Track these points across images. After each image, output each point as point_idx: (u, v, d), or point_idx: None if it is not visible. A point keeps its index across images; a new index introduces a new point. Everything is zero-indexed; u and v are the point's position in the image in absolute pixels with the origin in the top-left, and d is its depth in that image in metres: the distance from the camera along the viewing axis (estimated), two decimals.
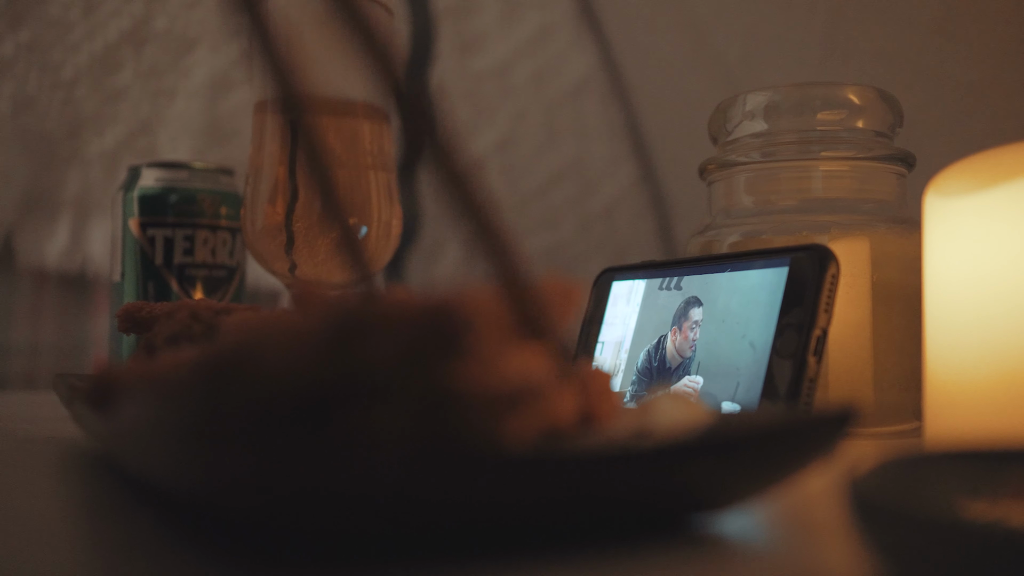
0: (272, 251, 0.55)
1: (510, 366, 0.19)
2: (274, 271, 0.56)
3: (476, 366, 0.18)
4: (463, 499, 0.18)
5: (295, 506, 0.18)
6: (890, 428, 0.45)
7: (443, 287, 0.19)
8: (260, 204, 0.55)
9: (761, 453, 0.21)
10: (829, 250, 0.40)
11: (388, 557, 0.19)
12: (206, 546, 0.20)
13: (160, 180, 0.59)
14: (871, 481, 0.17)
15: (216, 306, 0.35)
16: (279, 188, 0.54)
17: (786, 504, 0.25)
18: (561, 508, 0.19)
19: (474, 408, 0.18)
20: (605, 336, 0.50)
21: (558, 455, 0.19)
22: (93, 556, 0.20)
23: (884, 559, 0.16)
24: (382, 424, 0.18)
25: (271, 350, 0.19)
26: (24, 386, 0.81)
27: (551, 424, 0.20)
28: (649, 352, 0.46)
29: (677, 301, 0.46)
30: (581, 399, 0.21)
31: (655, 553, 0.20)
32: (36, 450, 0.36)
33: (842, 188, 0.49)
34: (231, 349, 0.19)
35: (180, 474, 0.20)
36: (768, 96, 0.50)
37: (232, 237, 0.60)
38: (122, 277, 0.59)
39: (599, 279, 0.52)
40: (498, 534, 0.20)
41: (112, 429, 0.26)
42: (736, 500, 0.22)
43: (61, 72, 0.83)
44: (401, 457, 0.17)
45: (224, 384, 0.19)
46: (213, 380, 0.19)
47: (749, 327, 0.41)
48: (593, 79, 1.16)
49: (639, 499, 0.20)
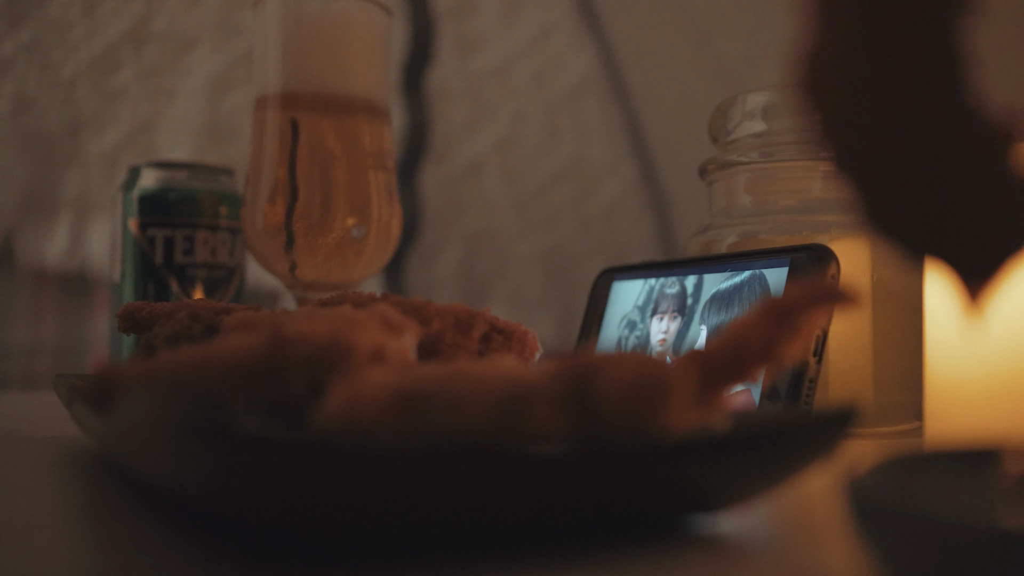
0: (272, 251, 0.55)
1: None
2: (274, 271, 0.56)
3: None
4: (463, 499, 0.18)
5: (294, 505, 0.18)
6: (890, 428, 0.45)
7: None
8: (260, 204, 0.55)
9: (761, 453, 0.21)
10: (829, 250, 0.40)
11: (388, 557, 0.19)
12: (206, 546, 0.20)
13: (160, 180, 0.59)
14: (871, 481, 0.17)
15: (216, 306, 0.35)
16: (279, 188, 0.54)
17: (786, 504, 0.25)
18: (561, 508, 0.19)
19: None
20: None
21: (557, 455, 0.19)
22: (93, 556, 0.20)
23: (884, 559, 0.16)
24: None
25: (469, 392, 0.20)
26: (24, 386, 0.81)
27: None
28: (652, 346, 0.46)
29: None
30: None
31: (655, 553, 0.20)
32: (36, 450, 0.36)
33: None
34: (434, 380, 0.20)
35: (180, 474, 0.20)
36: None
37: (232, 237, 0.60)
38: (122, 277, 0.59)
39: (599, 279, 0.52)
40: (498, 534, 0.20)
41: (112, 429, 0.26)
42: (736, 500, 0.22)
43: (61, 72, 0.83)
44: (400, 456, 0.17)
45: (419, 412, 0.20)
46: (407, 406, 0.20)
47: None
48: (593, 79, 1.17)
49: (639, 499, 0.20)
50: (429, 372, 0.21)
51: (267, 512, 0.19)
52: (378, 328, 0.25)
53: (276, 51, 0.55)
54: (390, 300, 0.33)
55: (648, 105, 1.15)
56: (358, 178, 0.55)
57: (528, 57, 1.12)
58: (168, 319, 0.35)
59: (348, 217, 0.54)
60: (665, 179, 1.16)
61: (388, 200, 0.57)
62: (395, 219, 0.57)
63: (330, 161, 0.54)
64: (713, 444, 0.20)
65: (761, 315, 0.21)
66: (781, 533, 0.23)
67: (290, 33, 0.54)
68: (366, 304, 0.32)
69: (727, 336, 0.21)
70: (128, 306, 0.38)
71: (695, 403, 0.21)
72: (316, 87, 0.55)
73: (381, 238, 0.56)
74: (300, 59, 0.55)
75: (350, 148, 0.55)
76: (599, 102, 1.17)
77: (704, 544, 0.21)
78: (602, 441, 0.20)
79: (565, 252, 1.13)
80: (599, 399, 0.20)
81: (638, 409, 0.19)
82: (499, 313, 0.86)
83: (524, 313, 1.08)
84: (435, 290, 1.04)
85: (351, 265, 0.55)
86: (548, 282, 1.11)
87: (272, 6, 0.55)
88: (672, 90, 1.09)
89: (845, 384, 0.44)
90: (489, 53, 1.10)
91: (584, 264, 1.10)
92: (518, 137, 1.11)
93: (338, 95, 0.55)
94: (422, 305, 0.32)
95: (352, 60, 0.55)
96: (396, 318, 0.26)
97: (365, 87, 0.56)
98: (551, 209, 1.13)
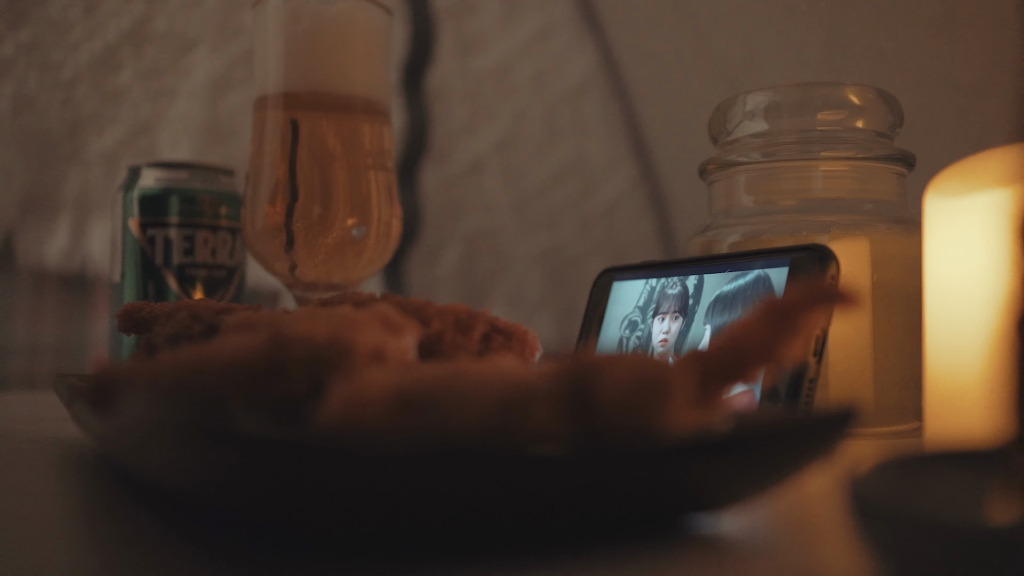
0: (272, 251, 0.55)
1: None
2: (274, 271, 0.56)
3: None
4: (463, 499, 0.18)
5: (294, 505, 0.18)
6: (890, 428, 0.45)
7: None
8: (260, 204, 0.55)
9: (761, 453, 0.21)
10: (829, 250, 0.40)
11: (388, 557, 0.19)
12: (206, 546, 0.20)
13: (160, 180, 0.59)
14: (871, 481, 0.17)
15: (216, 306, 0.35)
16: (279, 188, 0.54)
17: (786, 504, 0.25)
18: (561, 508, 0.19)
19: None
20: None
21: (557, 455, 0.19)
22: (93, 556, 0.20)
23: (884, 559, 0.16)
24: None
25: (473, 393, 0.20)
26: (24, 386, 0.81)
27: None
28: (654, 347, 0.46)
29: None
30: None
31: (655, 553, 0.20)
32: (36, 450, 0.36)
33: (842, 188, 0.49)
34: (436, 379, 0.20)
35: (180, 474, 0.20)
36: (768, 96, 0.50)
37: (232, 237, 0.60)
38: (122, 277, 0.59)
39: (599, 279, 0.52)
40: (498, 534, 0.20)
41: (112, 429, 0.26)
42: (736, 500, 0.22)
43: (61, 72, 0.83)
44: (398, 455, 0.17)
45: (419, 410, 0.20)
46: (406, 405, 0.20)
47: None
48: (593, 79, 1.17)
49: (639, 499, 0.20)
50: (429, 372, 0.21)
51: (267, 512, 0.19)
52: (378, 328, 0.25)
53: (276, 51, 0.55)
54: (390, 300, 0.33)
55: (648, 105, 1.15)
56: (358, 178, 0.55)
57: (528, 57, 1.12)
58: (168, 319, 0.35)
59: (348, 217, 0.54)
60: (665, 179, 1.16)
61: (388, 200, 0.57)
62: (395, 219, 0.57)
63: (330, 161, 0.54)
64: (713, 444, 0.20)
65: (761, 316, 0.21)
66: (781, 533, 0.23)
67: (290, 33, 0.54)
68: (366, 304, 0.32)
69: (727, 336, 0.21)
70: (128, 306, 0.38)
71: (695, 403, 0.21)
72: (316, 87, 0.55)
73: (381, 238, 0.56)
74: (300, 59, 0.55)
75: (350, 148, 0.55)
76: (599, 102, 1.17)
77: (704, 544, 0.21)
78: (602, 441, 0.20)
79: (565, 252, 1.12)
80: (599, 399, 0.20)
81: (638, 409, 0.19)
82: (499, 313, 0.86)
83: (524, 313, 1.08)
84: (435, 290, 1.04)
85: (351, 265, 0.55)
86: (548, 282, 1.11)
87: (272, 6, 0.55)
88: (672, 90, 1.09)
89: (845, 384, 0.44)
90: (489, 53, 1.10)
91: (584, 264, 1.10)
92: (518, 137, 1.11)
93: (338, 95, 0.55)
94: (422, 305, 0.32)
95: (352, 60, 0.55)
96: (396, 318, 0.26)
97: (365, 87, 0.56)
98: (551, 209, 1.13)
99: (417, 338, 0.27)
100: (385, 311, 0.27)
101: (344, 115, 0.55)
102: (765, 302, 0.22)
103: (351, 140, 0.55)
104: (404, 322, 0.26)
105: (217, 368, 0.24)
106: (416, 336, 0.27)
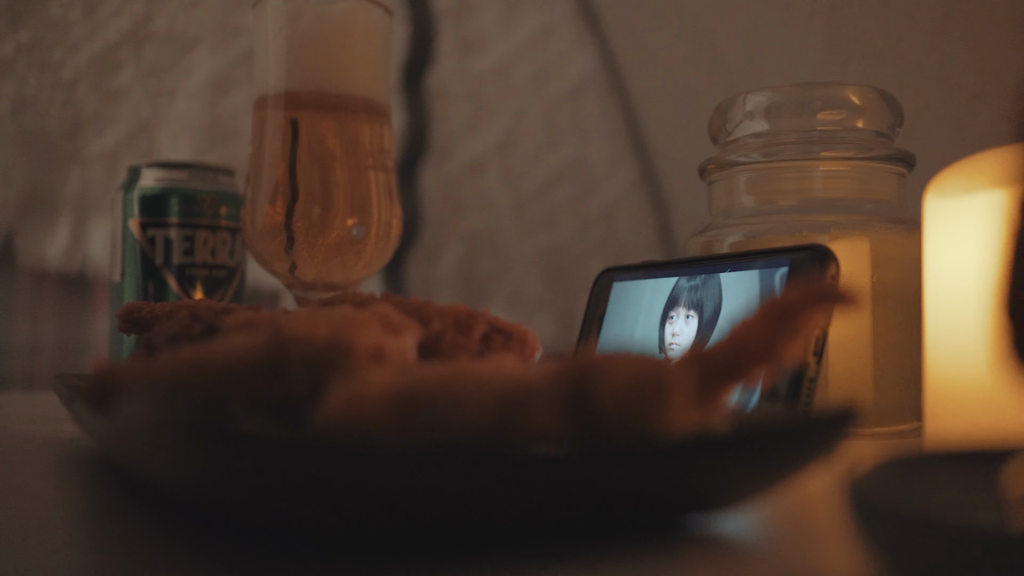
0: (272, 251, 0.55)
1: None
2: (274, 271, 0.56)
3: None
4: (463, 499, 0.18)
5: (294, 506, 0.18)
6: (890, 428, 0.45)
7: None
8: (260, 204, 0.55)
9: (761, 453, 0.21)
10: (829, 250, 0.40)
11: (388, 557, 0.19)
12: (206, 546, 0.20)
13: (160, 180, 0.59)
14: (871, 481, 0.17)
15: (216, 306, 0.35)
16: (279, 188, 0.54)
17: (786, 504, 0.25)
18: (561, 508, 0.19)
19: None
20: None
21: (557, 455, 0.19)
22: (93, 556, 0.20)
23: (884, 559, 0.16)
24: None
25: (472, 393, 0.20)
26: (24, 386, 0.81)
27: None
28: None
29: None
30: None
31: (655, 553, 0.20)
32: (36, 450, 0.36)
33: (842, 188, 0.49)
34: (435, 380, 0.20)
35: (180, 473, 0.20)
36: (768, 96, 0.50)
37: (232, 237, 0.60)
38: (122, 277, 0.59)
39: (599, 279, 0.52)
40: (498, 534, 0.20)
41: (112, 429, 0.26)
42: (736, 500, 0.22)
43: (61, 72, 0.83)
44: (396, 455, 0.17)
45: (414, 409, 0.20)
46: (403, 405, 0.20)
47: None
48: (593, 79, 1.17)
49: (639, 499, 0.20)
50: (429, 372, 0.21)
51: (267, 512, 0.19)
52: (378, 328, 0.25)
53: (276, 51, 0.55)
54: (390, 300, 0.33)
55: (648, 105, 1.15)
56: (358, 178, 0.55)
57: (528, 57, 1.12)
58: (168, 319, 0.35)
59: (348, 217, 0.54)
60: (665, 179, 1.16)
61: (388, 200, 0.57)
62: (395, 219, 0.57)
63: (330, 161, 0.54)
64: (713, 444, 0.20)
65: (761, 315, 0.21)
66: (781, 533, 0.23)
67: (290, 33, 0.54)
68: (366, 304, 0.32)
69: (727, 336, 0.21)
70: (128, 306, 0.38)
71: (695, 403, 0.21)
72: (316, 87, 0.55)
73: (381, 238, 0.56)
74: (300, 59, 0.55)
75: (350, 148, 0.55)
76: (599, 102, 1.17)
77: (704, 544, 0.21)
78: (602, 441, 0.20)
79: (565, 252, 1.12)
80: (599, 399, 0.20)
81: (638, 409, 0.19)
82: (499, 313, 0.86)
83: (524, 313, 1.08)
84: (435, 290, 1.04)
85: (351, 265, 0.55)
86: (548, 282, 1.11)
87: (272, 6, 0.55)
88: (672, 90, 1.09)
89: (845, 384, 0.44)
90: (489, 53, 1.10)
91: (584, 264, 1.10)
92: (518, 137, 1.11)
93: (338, 95, 0.55)
94: (422, 305, 0.32)
95: (352, 60, 0.55)
96: (396, 318, 0.26)
97: (365, 87, 0.56)
98: (551, 209, 1.13)
99: (417, 338, 0.27)
100: (385, 311, 0.27)
101: (344, 115, 0.55)
102: (765, 302, 0.22)
103: (351, 140, 0.55)
104: (404, 322, 0.26)
105: (217, 368, 0.24)
106: (416, 336, 0.27)
